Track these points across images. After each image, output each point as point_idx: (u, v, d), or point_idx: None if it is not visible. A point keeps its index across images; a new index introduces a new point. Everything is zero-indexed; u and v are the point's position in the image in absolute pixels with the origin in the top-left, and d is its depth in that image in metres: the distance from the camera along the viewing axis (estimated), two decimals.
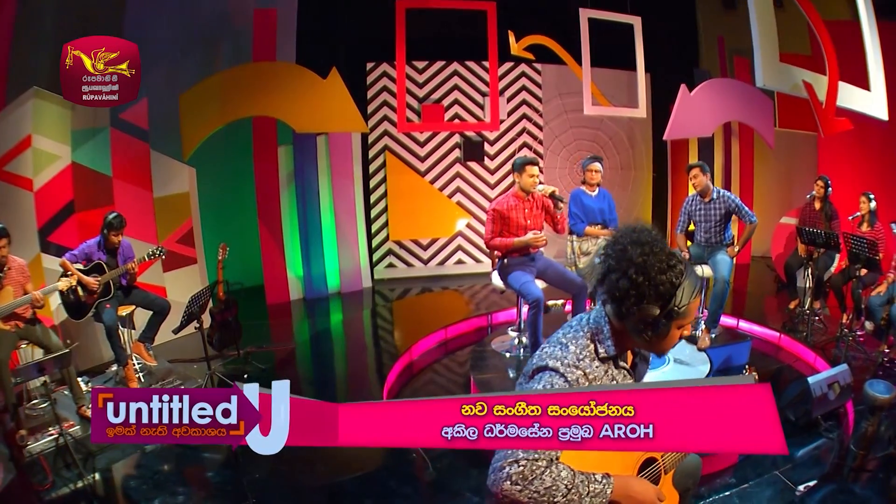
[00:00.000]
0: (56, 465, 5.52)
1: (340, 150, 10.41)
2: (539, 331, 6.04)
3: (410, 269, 11.57)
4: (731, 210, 6.82)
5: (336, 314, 9.98)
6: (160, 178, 8.49)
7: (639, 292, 2.30)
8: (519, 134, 11.77)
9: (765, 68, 7.96)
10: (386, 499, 5.07)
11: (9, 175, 6.98)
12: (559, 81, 11.78)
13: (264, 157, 9.75)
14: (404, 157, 11.35)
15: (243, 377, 7.26)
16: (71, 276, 6.41)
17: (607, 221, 7.41)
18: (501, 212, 6.19)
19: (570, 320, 2.61)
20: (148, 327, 7.23)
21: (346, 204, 10.56)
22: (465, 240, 11.76)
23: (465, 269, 11.77)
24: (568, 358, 2.40)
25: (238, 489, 5.21)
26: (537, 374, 2.42)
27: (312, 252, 10.30)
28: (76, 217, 7.55)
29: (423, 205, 11.47)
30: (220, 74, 9.14)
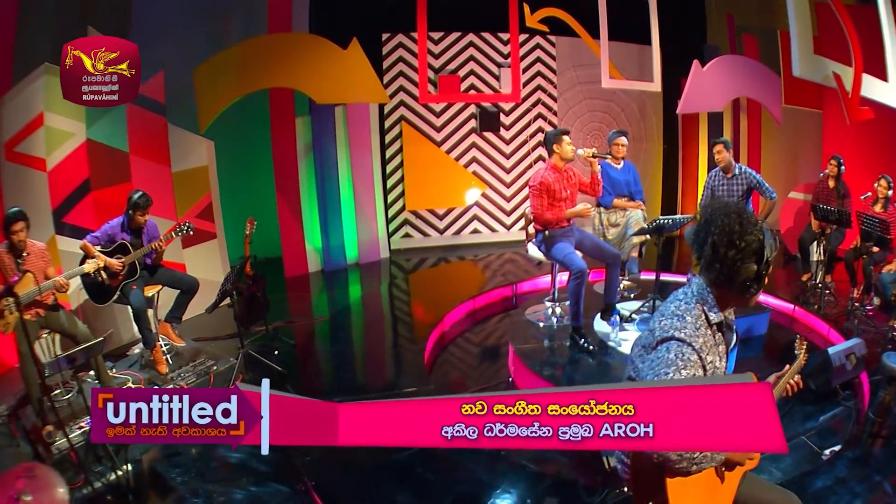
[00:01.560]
0: (87, 460, 4.82)
1: (358, 121, 9.51)
2: (581, 300, 5.72)
3: (426, 238, 10.73)
4: (752, 186, 6.60)
5: (358, 286, 9.21)
6: (178, 153, 7.62)
7: (741, 254, 2.36)
8: (534, 105, 10.85)
9: (801, 60, 8.01)
10: (449, 472, 4.50)
11: (20, 156, 6.14)
12: (573, 53, 10.85)
13: (282, 129, 8.84)
14: (420, 128, 10.44)
15: (273, 353, 6.56)
16: (96, 258, 5.68)
17: (633, 193, 7.12)
18: (547, 185, 5.80)
19: (674, 293, 2.60)
20: (175, 307, 6.50)
21: (364, 174, 9.69)
22: (480, 209, 10.91)
23: (481, 238, 10.96)
24: (688, 328, 2.39)
25: (290, 471, 4.63)
26: (664, 344, 2.38)
27: (331, 223, 9.44)
28: (92, 196, 6.71)
29: (440, 175, 10.59)
30: (237, 46, 8.21)
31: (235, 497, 4.46)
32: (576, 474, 4.35)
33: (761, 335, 6.03)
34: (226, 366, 6.37)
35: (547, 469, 4.49)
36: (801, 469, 4.30)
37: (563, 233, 5.94)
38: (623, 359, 5.39)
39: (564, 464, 4.54)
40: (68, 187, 6.47)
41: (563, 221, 5.89)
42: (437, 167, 10.54)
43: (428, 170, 10.47)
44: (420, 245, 10.65)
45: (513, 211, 11.00)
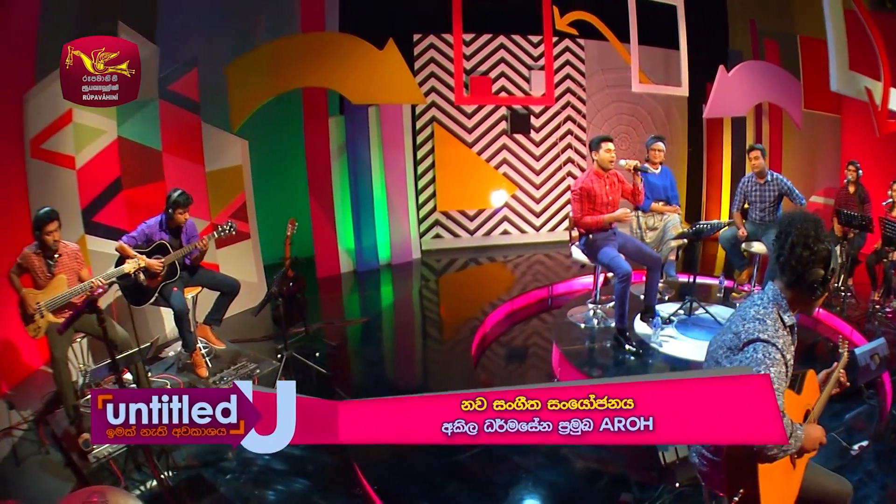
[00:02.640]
0: (126, 468, 4.28)
1: (391, 122, 8.77)
2: (626, 302, 5.45)
3: (457, 239, 9.97)
4: (783, 192, 6.32)
5: (391, 287, 8.49)
6: (212, 152, 6.91)
7: (814, 257, 2.41)
8: (563, 107, 10.09)
9: (838, 76, 7.85)
10: (511, 472, 4.11)
11: (47, 153, 5.45)
12: (601, 56, 10.10)
13: (315, 129, 8.12)
14: (452, 129, 9.69)
15: (315, 355, 5.95)
16: (136, 259, 5.02)
17: (670, 198, 6.76)
18: (588, 190, 5.49)
19: (750, 298, 2.62)
20: (215, 308, 5.78)
21: (397, 175, 8.95)
22: (510, 210, 10.14)
23: (511, 239, 10.19)
24: (769, 330, 2.42)
25: (347, 476, 4.21)
26: (750, 346, 2.41)
27: (363, 224, 8.69)
28: (123, 195, 6.00)
29: (471, 175, 9.82)
30: (270, 44, 7.51)
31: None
32: (631, 471, 4.06)
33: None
34: (269, 368, 5.73)
35: (606, 467, 4.21)
36: (832, 463, 4.02)
37: (606, 237, 5.58)
38: (664, 359, 5.24)
39: (622, 461, 4.26)
40: (98, 186, 5.79)
41: (602, 228, 5.54)
42: (469, 168, 9.79)
43: (459, 171, 9.72)
44: (450, 246, 9.90)
45: (542, 212, 10.26)
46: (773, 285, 2.55)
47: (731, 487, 2.41)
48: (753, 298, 2.59)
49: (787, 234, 2.47)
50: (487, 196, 9.93)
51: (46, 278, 4.70)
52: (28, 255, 4.69)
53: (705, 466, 2.65)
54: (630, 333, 5.56)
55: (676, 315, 5.95)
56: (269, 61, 7.35)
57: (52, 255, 4.69)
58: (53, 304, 4.67)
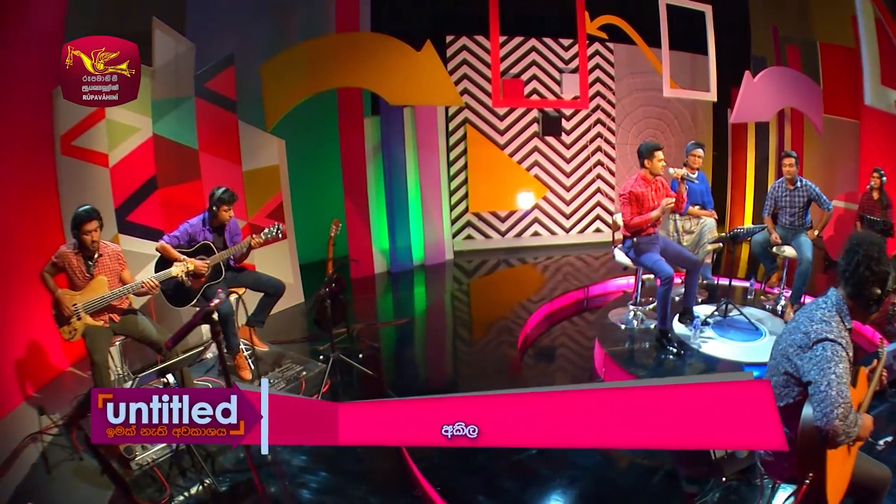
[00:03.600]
0: (171, 474, 3.87)
1: (426, 123, 8.15)
2: (669, 304, 5.21)
3: (488, 240, 9.30)
4: (812, 198, 6.04)
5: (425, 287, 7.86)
6: (249, 151, 6.30)
7: (874, 277, 2.45)
8: (593, 110, 9.40)
9: (872, 91, 7.75)
10: (571, 471, 3.86)
11: (79, 150, 4.86)
12: (630, 60, 9.43)
13: (350, 130, 7.51)
14: (484, 131, 9.03)
15: (358, 356, 5.45)
16: (184, 262, 4.46)
17: (705, 203, 6.44)
18: (637, 194, 5.21)
19: (816, 302, 2.62)
20: (258, 310, 5.23)
21: (431, 176, 8.31)
22: (541, 212, 9.46)
23: (541, 241, 9.51)
24: (835, 331, 2.45)
25: (404, 478, 3.90)
26: (819, 344, 2.44)
27: (398, 225, 8.06)
28: (159, 194, 5.39)
29: (503, 177, 9.16)
30: (305, 43, 6.93)
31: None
32: (681, 466, 3.83)
33: None
34: (314, 371, 5.16)
35: (659, 463, 3.92)
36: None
37: (650, 241, 5.31)
38: (703, 359, 5.04)
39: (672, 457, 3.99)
40: (133, 184, 5.21)
41: (651, 228, 5.28)
42: (500, 170, 9.12)
43: (491, 172, 9.06)
44: (481, 247, 9.24)
45: (572, 214, 9.59)
46: (837, 292, 2.58)
47: (802, 472, 2.42)
48: (818, 302, 2.61)
49: (855, 252, 2.52)
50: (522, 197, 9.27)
51: (85, 279, 4.13)
52: (66, 254, 4.12)
53: (770, 456, 2.71)
54: (671, 334, 5.30)
55: (713, 317, 5.69)
56: (305, 60, 6.76)
57: (91, 255, 4.13)
58: (92, 307, 4.10)
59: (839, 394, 2.30)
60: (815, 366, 2.39)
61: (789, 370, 2.54)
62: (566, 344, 6.31)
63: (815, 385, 2.36)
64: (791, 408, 2.50)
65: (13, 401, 4.58)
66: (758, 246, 6.23)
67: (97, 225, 4.04)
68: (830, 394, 2.29)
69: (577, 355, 5.92)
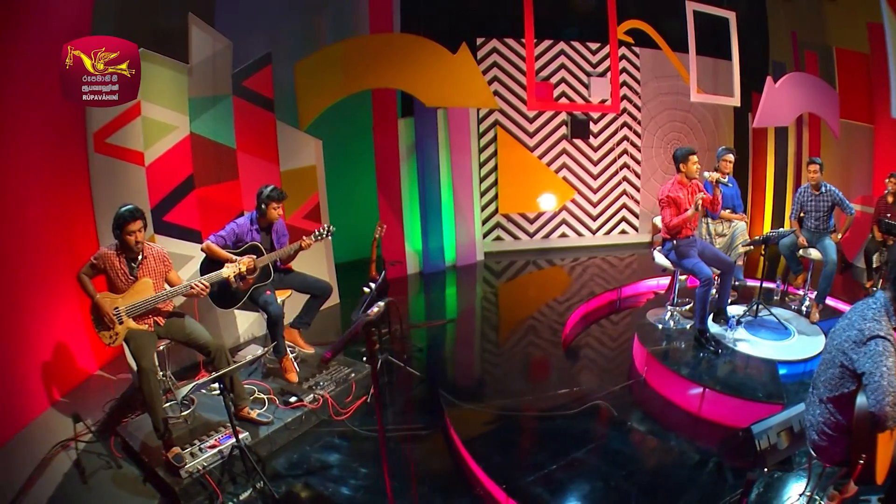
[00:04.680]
0: (222, 481, 3.48)
1: (459, 125, 7.53)
2: (707, 305, 4.99)
3: (517, 241, 8.69)
4: (836, 202, 5.78)
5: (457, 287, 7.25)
6: (286, 151, 5.72)
7: None
8: (620, 113, 8.75)
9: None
10: (627, 466, 3.66)
11: (113, 148, 4.28)
12: (655, 65, 8.78)
13: (384, 130, 6.94)
14: (514, 133, 8.41)
15: (404, 357, 5.03)
16: (237, 263, 3.90)
17: (735, 207, 6.14)
18: (674, 198, 4.98)
19: (865, 303, 2.66)
20: (304, 312, 4.67)
21: (464, 178, 7.70)
22: (568, 214, 8.83)
23: (568, 242, 8.90)
24: (884, 329, 2.52)
25: (465, 477, 3.61)
26: (872, 340, 2.50)
27: (431, 226, 7.46)
28: (196, 193, 4.81)
29: (532, 179, 8.53)
30: (340, 44, 6.34)
31: None
32: (727, 458, 3.58)
33: None
34: (363, 373, 4.62)
35: (706, 455, 3.77)
36: None
37: (689, 243, 5.06)
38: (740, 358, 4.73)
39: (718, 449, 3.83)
40: (169, 184, 4.64)
41: (688, 230, 5.02)
42: (530, 172, 8.50)
43: (521, 174, 8.44)
44: (510, 248, 8.65)
45: (599, 216, 8.96)
46: (883, 294, 2.64)
47: (856, 454, 2.53)
48: (868, 303, 2.67)
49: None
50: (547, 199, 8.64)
51: (128, 281, 3.57)
52: (107, 255, 3.55)
53: (824, 441, 2.75)
54: (708, 334, 5.03)
55: (745, 317, 5.46)
56: (340, 61, 6.18)
57: (135, 256, 3.57)
58: (135, 310, 3.55)
59: (890, 384, 2.41)
60: (869, 359, 2.48)
61: (845, 363, 2.60)
62: (605, 343, 5.82)
63: (868, 376, 2.45)
64: (846, 397, 2.61)
65: (39, 405, 4.06)
66: (785, 248, 5.95)
67: (141, 225, 3.49)
68: (882, 384, 2.40)
69: (616, 354, 5.50)
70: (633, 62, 8.73)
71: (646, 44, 8.51)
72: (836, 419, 2.66)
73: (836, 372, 2.63)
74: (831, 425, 2.69)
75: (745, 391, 4.18)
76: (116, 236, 3.50)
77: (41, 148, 3.95)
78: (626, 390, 4.61)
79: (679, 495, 3.41)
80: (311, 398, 4.15)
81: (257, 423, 3.86)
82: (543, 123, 8.47)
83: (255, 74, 5.24)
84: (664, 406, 4.41)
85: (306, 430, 4.05)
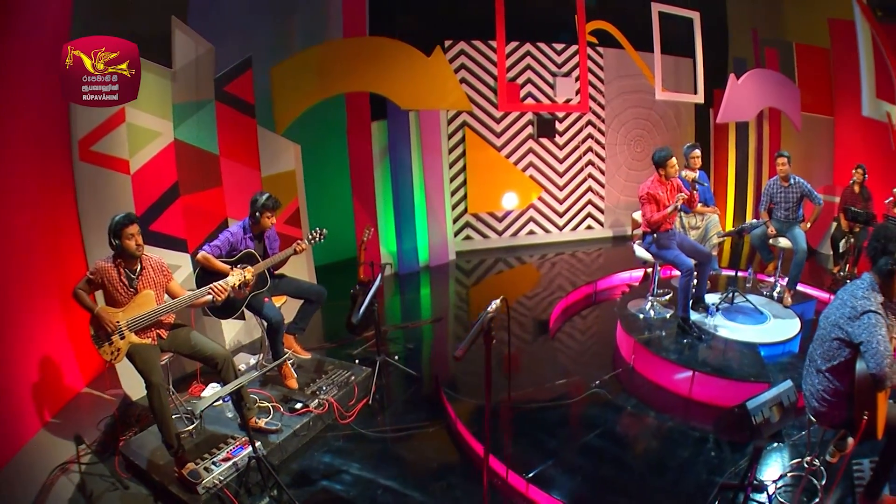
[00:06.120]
0: (239, 493, 3.44)
1: (430, 126, 7.62)
2: (689, 294, 5.23)
3: (486, 240, 8.83)
4: (804, 194, 6.03)
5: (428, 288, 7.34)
6: (266, 156, 5.70)
7: (892, 259, 2.90)
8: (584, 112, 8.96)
9: (869, 103, 7.77)
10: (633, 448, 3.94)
11: (98, 156, 4.20)
12: (618, 64, 9.05)
13: (358, 134, 6.97)
14: (482, 133, 8.53)
15: (394, 358, 5.16)
16: (242, 272, 3.85)
17: (707, 201, 6.40)
18: (654, 195, 5.22)
19: (854, 284, 3.01)
20: (300, 317, 4.65)
21: (435, 179, 7.80)
22: (535, 211, 9.03)
23: (536, 239, 9.10)
24: (874, 304, 2.87)
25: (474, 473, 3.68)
26: (866, 315, 2.85)
27: (404, 227, 7.53)
28: (182, 201, 4.76)
29: (500, 178, 8.69)
30: (317, 48, 6.34)
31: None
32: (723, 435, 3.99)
33: (811, 319, 5.77)
34: (362, 375, 4.68)
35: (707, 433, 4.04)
36: None
37: (668, 237, 5.30)
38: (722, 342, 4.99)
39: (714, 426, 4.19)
40: (155, 192, 4.56)
41: (667, 224, 5.25)
42: (498, 171, 8.65)
43: (489, 174, 8.58)
44: (480, 247, 8.78)
45: (565, 212, 9.19)
46: (869, 275, 3.00)
47: (859, 412, 2.86)
48: (857, 283, 3.02)
49: (877, 240, 3.00)
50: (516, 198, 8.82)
51: (128, 294, 3.47)
52: (104, 269, 3.44)
53: (824, 407, 3.09)
54: (691, 321, 5.27)
55: (722, 304, 5.74)
56: (316, 64, 6.19)
57: (134, 267, 3.48)
58: (138, 323, 3.45)
59: (886, 349, 2.76)
60: (864, 330, 2.82)
61: (840, 336, 2.94)
62: (590, 333, 6.06)
63: (866, 344, 2.79)
64: (843, 365, 2.95)
65: (32, 428, 3.92)
66: (756, 238, 6.19)
67: (139, 228, 3.42)
68: (880, 349, 2.74)
69: (599, 344, 5.72)
70: (597, 62, 8.98)
71: (609, 44, 8.78)
72: (835, 386, 3.00)
73: (833, 345, 2.96)
74: (830, 392, 3.02)
75: (732, 372, 4.43)
76: (115, 245, 3.40)
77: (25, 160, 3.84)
78: (616, 378, 4.80)
79: (688, 470, 3.63)
80: (316, 403, 4.18)
81: (266, 433, 3.87)
82: (510, 123, 8.64)
83: (236, 79, 5.20)
84: (655, 391, 4.65)
85: (313, 435, 4.07)
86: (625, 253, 8.42)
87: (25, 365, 3.96)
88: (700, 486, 3.48)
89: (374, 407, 4.45)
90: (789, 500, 3.30)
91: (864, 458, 3.56)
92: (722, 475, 3.55)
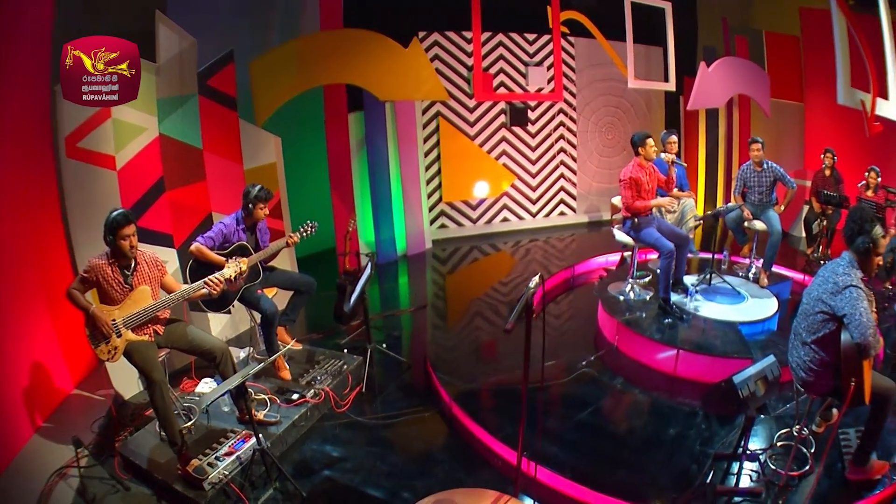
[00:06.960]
0: (244, 486, 3.48)
1: (405, 117, 7.67)
2: (670, 276, 5.37)
3: (461, 228, 8.94)
4: (777, 177, 6.18)
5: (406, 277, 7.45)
6: (248, 149, 5.69)
7: (870, 241, 3.15)
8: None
9: (843, 92, 7.93)
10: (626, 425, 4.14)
11: (85, 152, 4.16)
12: (589, 53, 9.21)
13: (335, 125, 6.98)
14: (456, 123, 8.61)
15: (383, 346, 5.21)
16: (237, 263, 3.84)
17: (682, 186, 6.58)
18: (636, 179, 5.34)
19: (835, 262, 3.25)
20: (290, 308, 4.72)
21: (411, 169, 7.87)
22: (509, 199, 9.17)
23: (510, 226, 9.25)
24: (854, 280, 3.11)
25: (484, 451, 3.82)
26: (847, 289, 3.08)
27: (382, 217, 7.58)
28: (167, 196, 4.74)
29: (474, 167, 8.78)
30: (296, 41, 6.34)
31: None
32: (711, 409, 4.20)
33: (787, 298, 6.05)
34: (354, 363, 4.77)
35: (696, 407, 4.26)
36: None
37: (647, 221, 5.45)
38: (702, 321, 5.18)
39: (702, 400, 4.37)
40: (141, 187, 4.54)
41: (647, 211, 5.39)
42: (472, 160, 8.75)
43: (463, 162, 8.67)
44: (455, 235, 8.89)
45: (538, 199, 9.35)
46: (848, 254, 3.22)
47: (846, 380, 3.05)
48: (837, 262, 3.24)
49: (854, 221, 3.22)
50: (489, 186, 8.94)
51: (124, 291, 3.45)
52: (99, 266, 3.41)
53: (811, 377, 3.30)
54: (672, 302, 5.44)
55: (700, 285, 5.90)
56: (295, 58, 6.19)
57: (128, 263, 3.47)
58: (135, 320, 3.45)
59: (868, 320, 2.98)
60: (847, 303, 3.04)
61: (824, 310, 3.15)
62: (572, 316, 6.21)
63: (850, 316, 3.00)
64: (828, 337, 3.15)
65: (24, 433, 3.87)
66: (731, 222, 6.37)
67: (135, 229, 3.41)
68: (863, 321, 2.96)
69: (580, 327, 5.85)
70: (568, 51, 9.12)
71: (580, 33, 8.92)
72: (821, 356, 3.20)
73: (818, 318, 3.17)
74: (817, 362, 3.23)
75: (715, 349, 4.64)
76: (109, 242, 3.39)
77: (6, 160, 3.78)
78: (601, 359, 4.97)
79: (680, 442, 3.82)
80: (312, 393, 4.24)
81: (266, 424, 3.92)
82: (483, 112, 8.73)
83: (218, 73, 5.18)
84: (640, 369, 4.85)
85: (311, 425, 4.14)
86: (598, 238, 8.65)
87: (14, 369, 3.90)
88: (694, 456, 3.67)
89: (368, 394, 4.54)
90: (781, 468, 3.46)
91: (850, 427, 3.78)
92: (713, 446, 3.73)
